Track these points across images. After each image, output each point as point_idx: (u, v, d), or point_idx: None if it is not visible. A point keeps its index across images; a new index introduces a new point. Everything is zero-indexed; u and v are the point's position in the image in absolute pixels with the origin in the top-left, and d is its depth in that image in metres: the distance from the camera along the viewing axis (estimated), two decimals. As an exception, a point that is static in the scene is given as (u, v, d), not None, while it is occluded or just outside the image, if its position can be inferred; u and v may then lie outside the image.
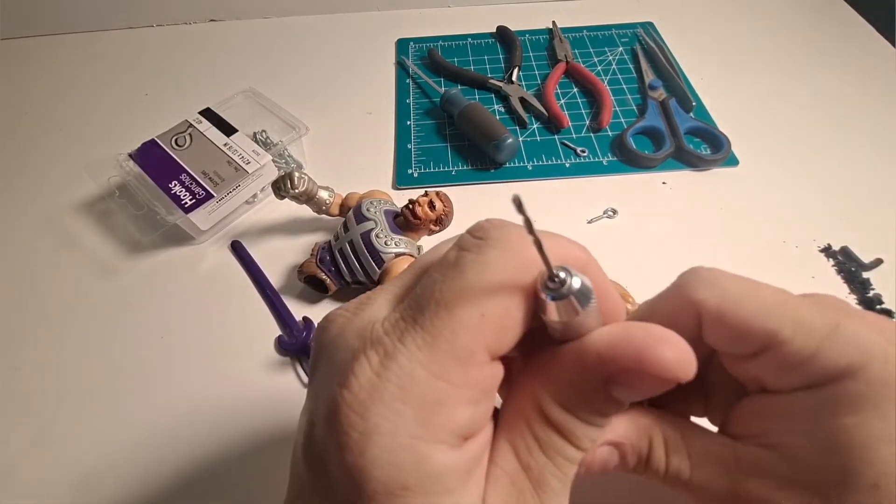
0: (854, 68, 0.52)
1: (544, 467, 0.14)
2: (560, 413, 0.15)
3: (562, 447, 0.15)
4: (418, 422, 0.12)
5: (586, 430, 0.15)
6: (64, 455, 0.31)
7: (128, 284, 0.39)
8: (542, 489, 0.14)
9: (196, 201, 0.38)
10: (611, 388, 0.14)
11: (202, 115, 0.43)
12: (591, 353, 0.14)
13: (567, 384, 0.15)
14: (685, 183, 0.43)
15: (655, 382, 0.13)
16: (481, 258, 0.13)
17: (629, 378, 0.14)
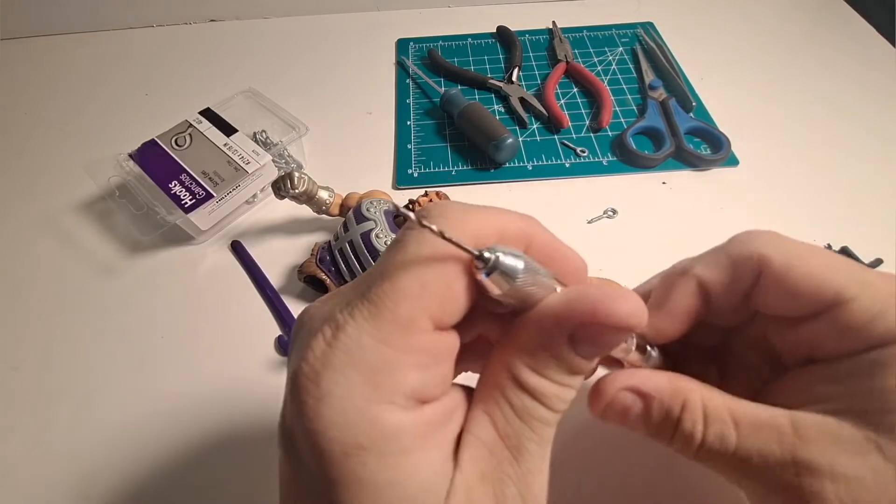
0: (854, 68, 0.52)
1: (520, 432, 0.15)
2: (530, 375, 0.15)
3: (535, 409, 0.15)
4: (368, 385, 0.13)
5: (557, 390, 0.15)
6: (64, 455, 0.31)
7: (128, 284, 0.39)
8: (521, 454, 0.15)
9: (196, 201, 0.38)
10: (573, 344, 0.15)
11: (202, 115, 0.43)
12: (550, 315, 0.15)
13: (533, 346, 0.15)
14: (685, 183, 0.43)
15: (612, 333, 0.14)
16: (421, 233, 0.14)
17: (587, 332, 0.14)
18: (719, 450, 0.17)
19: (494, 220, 0.15)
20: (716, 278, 0.19)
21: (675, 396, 0.18)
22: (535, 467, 0.15)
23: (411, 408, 0.14)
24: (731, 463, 0.17)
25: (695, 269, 0.19)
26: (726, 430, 0.17)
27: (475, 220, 0.15)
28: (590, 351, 0.15)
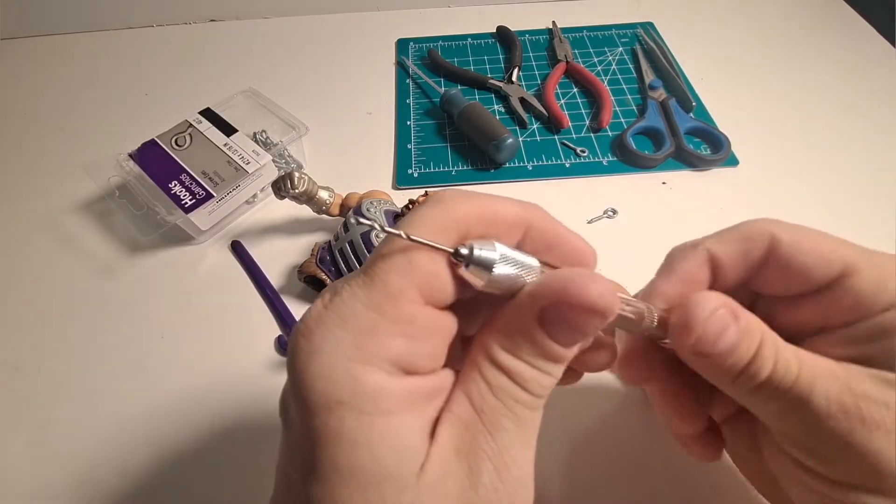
0: (854, 68, 0.52)
1: (496, 409, 0.15)
2: (505, 356, 0.15)
3: (511, 389, 0.15)
4: (354, 346, 0.14)
5: (534, 374, 0.16)
6: (64, 455, 0.31)
7: (128, 284, 0.39)
8: (496, 429, 0.15)
9: (196, 201, 0.38)
10: (546, 326, 0.15)
11: (202, 115, 0.43)
12: (524, 295, 0.16)
13: (508, 328, 0.16)
14: (685, 183, 0.43)
15: (582, 315, 0.15)
16: (415, 215, 0.15)
17: (558, 313, 0.15)
18: (779, 386, 0.17)
19: (489, 206, 0.16)
20: (726, 252, 0.19)
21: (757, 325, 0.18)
22: (511, 445, 0.15)
23: (395, 374, 0.14)
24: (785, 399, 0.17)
25: (706, 242, 0.20)
26: (791, 367, 0.17)
27: (467, 206, 0.16)
28: (562, 335, 0.15)
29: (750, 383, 0.17)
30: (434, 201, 0.16)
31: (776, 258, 0.19)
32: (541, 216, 0.17)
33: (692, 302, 0.18)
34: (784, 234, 0.19)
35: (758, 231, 0.19)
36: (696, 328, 0.17)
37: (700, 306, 0.17)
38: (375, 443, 0.14)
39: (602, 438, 0.30)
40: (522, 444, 0.15)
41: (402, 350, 0.14)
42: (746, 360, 0.17)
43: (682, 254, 0.20)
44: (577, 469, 0.29)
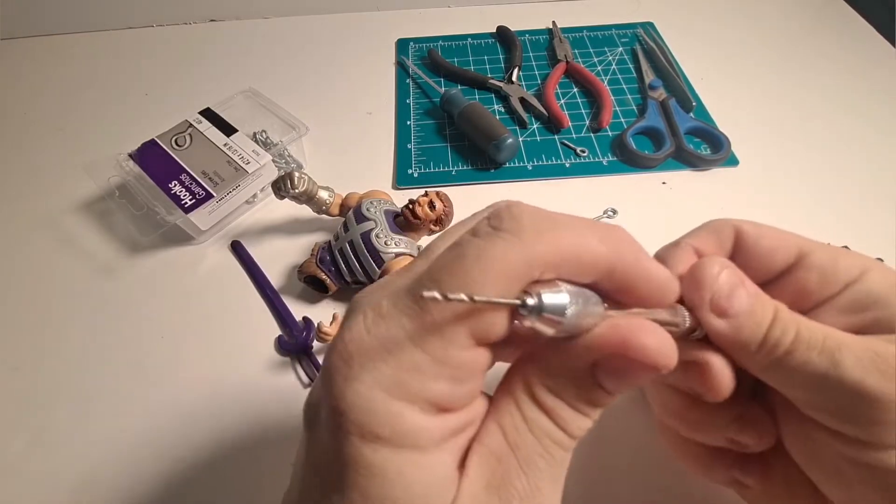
0: (854, 68, 0.52)
1: (532, 447, 0.15)
2: (548, 396, 0.15)
3: (550, 429, 0.15)
4: (396, 382, 0.13)
5: (575, 416, 0.15)
6: (64, 455, 0.31)
7: (128, 284, 0.39)
8: (530, 467, 0.15)
9: (196, 201, 0.38)
10: (597, 374, 0.15)
11: (202, 115, 0.43)
12: (580, 341, 0.15)
13: (556, 368, 0.15)
14: (685, 183, 0.43)
15: (638, 368, 0.14)
16: (484, 247, 0.14)
17: (613, 363, 0.15)
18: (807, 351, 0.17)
19: (572, 246, 0.14)
20: (704, 244, 0.20)
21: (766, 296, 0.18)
22: (543, 485, 0.15)
23: (432, 413, 0.14)
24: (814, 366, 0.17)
25: (684, 239, 0.21)
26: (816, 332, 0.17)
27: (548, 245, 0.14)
28: (613, 384, 0.15)
29: (775, 352, 0.17)
30: (510, 233, 0.14)
31: (742, 246, 0.20)
32: (626, 254, 0.15)
33: (699, 263, 0.18)
34: (746, 226, 0.20)
35: (723, 225, 0.20)
36: (707, 285, 0.18)
37: (707, 266, 0.18)
38: (409, 477, 0.13)
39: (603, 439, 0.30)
40: (553, 483, 0.15)
41: (444, 392, 0.14)
42: (766, 326, 0.17)
43: (671, 251, 0.21)
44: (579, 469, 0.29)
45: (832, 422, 0.18)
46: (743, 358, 0.18)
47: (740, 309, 0.18)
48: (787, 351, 0.17)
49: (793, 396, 0.18)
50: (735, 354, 0.19)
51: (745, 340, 0.18)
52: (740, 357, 0.19)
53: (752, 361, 0.18)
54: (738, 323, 0.18)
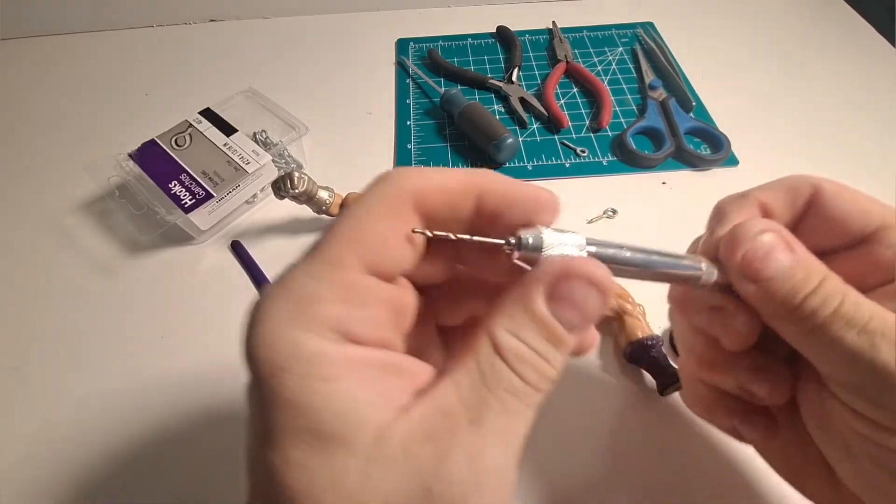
0: (854, 68, 0.52)
1: (484, 400, 0.15)
2: (507, 337, 0.15)
3: (507, 377, 0.15)
4: (295, 313, 0.14)
5: (534, 358, 0.15)
6: (63, 455, 0.31)
7: (128, 284, 0.39)
8: (480, 422, 0.14)
9: (196, 201, 0.38)
10: (551, 307, 0.15)
11: (202, 115, 0.43)
12: (528, 275, 0.16)
13: (512, 307, 0.15)
14: (685, 183, 0.43)
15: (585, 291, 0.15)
16: (364, 193, 0.16)
17: (561, 289, 0.15)
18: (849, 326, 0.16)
19: (436, 178, 0.16)
20: (774, 199, 0.20)
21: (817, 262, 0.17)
22: (492, 439, 0.14)
23: (336, 341, 0.14)
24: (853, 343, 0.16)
25: (753, 192, 0.20)
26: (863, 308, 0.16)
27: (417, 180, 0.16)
28: (567, 312, 0.15)
29: (808, 322, 0.17)
30: (383, 181, 0.16)
31: (818, 207, 0.19)
32: (491, 179, 0.17)
33: (741, 223, 0.18)
34: (826, 185, 0.19)
35: (801, 181, 0.20)
36: (742, 244, 0.17)
37: (747, 225, 0.18)
38: (318, 407, 0.14)
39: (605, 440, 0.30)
40: (504, 439, 0.15)
41: (342, 315, 0.14)
42: (804, 294, 0.17)
43: (733, 203, 0.21)
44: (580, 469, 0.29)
45: (855, 401, 0.17)
46: (773, 320, 0.18)
47: (775, 273, 0.17)
48: (823, 323, 0.17)
49: (818, 366, 0.18)
50: (764, 315, 0.18)
51: (776, 304, 0.17)
52: (769, 318, 0.18)
53: (782, 325, 0.18)
54: (769, 287, 0.17)
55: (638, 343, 0.31)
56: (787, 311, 0.17)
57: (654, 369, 0.31)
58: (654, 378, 0.31)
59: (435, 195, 0.16)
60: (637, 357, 0.31)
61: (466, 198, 0.16)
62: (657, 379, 0.31)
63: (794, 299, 0.17)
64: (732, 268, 0.18)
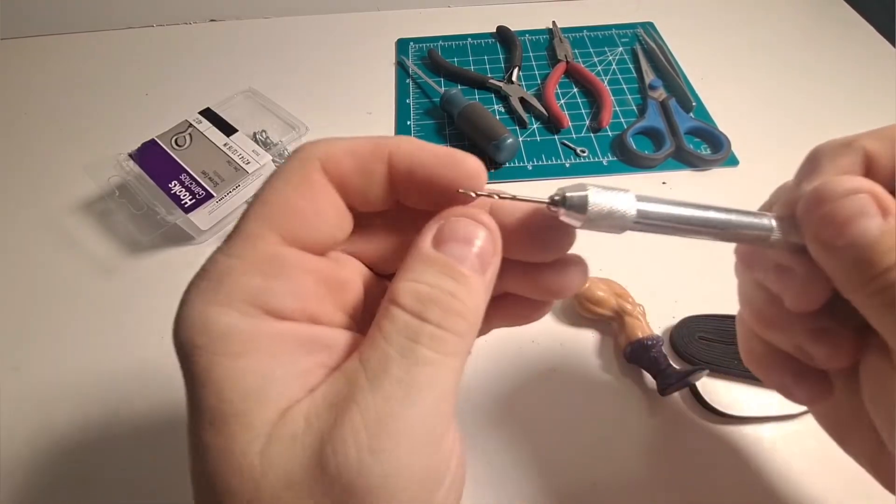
0: (854, 68, 0.52)
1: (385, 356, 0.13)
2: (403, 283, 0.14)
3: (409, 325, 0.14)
4: (210, 291, 0.14)
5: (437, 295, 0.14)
6: (64, 455, 0.31)
7: (128, 284, 0.39)
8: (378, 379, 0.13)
9: (196, 201, 0.38)
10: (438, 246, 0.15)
11: (202, 115, 0.43)
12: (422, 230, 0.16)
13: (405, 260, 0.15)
14: (685, 183, 0.43)
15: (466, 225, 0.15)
16: (277, 170, 0.16)
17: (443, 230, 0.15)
18: None
19: (343, 144, 0.16)
20: (883, 150, 0.17)
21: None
22: (396, 397, 0.13)
23: (252, 315, 0.14)
24: None
25: (861, 140, 0.17)
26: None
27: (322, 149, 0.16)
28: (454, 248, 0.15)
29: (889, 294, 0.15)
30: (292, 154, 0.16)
31: None
32: (397, 141, 0.16)
33: (829, 180, 0.16)
34: None
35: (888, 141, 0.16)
36: (824, 203, 0.15)
37: (837, 182, 0.15)
38: (222, 384, 0.13)
39: (605, 440, 0.30)
40: (412, 395, 0.13)
41: (258, 287, 0.14)
42: (889, 263, 0.15)
43: (833, 151, 0.18)
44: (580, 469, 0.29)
45: None
46: (847, 290, 0.16)
47: (857, 239, 0.15)
48: None
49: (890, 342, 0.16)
50: (837, 283, 0.16)
51: (853, 274, 0.15)
52: (843, 287, 0.16)
53: (856, 296, 0.16)
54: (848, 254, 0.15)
55: (638, 343, 0.31)
56: (863, 281, 0.15)
57: (654, 369, 0.31)
58: (654, 378, 0.31)
59: (344, 161, 0.15)
60: (637, 357, 0.31)
61: (377, 161, 0.16)
62: (657, 379, 0.31)
63: (873, 270, 0.15)
64: (809, 228, 0.16)
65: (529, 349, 0.34)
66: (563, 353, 0.34)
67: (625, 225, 0.16)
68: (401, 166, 0.16)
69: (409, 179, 0.16)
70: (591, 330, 0.35)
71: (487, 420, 0.31)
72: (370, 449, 0.12)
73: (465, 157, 0.16)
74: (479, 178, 0.16)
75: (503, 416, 0.31)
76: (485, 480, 0.29)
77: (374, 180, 0.16)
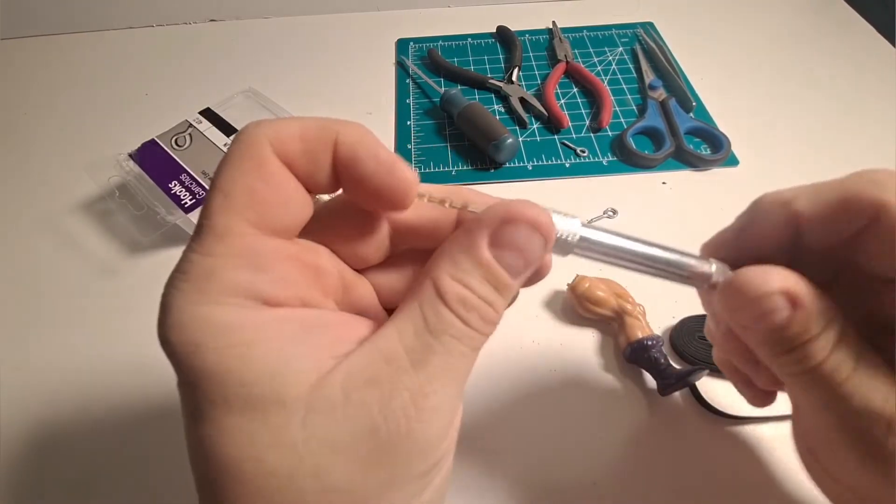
0: (854, 68, 0.52)
1: (428, 345, 0.15)
2: (451, 282, 0.15)
3: (449, 321, 0.15)
4: (196, 292, 0.15)
5: (479, 303, 0.15)
6: (64, 455, 0.31)
7: (128, 284, 0.39)
8: (422, 366, 0.14)
9: (196, 201, 0.38)
10: (494, 251, 0.15)
11: (202, 115, 0.43)
12: (472, 220, 0.16)
13: (456, 252, 0.15)
14: (685, 183, 0.43)
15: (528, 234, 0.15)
16: (227, 156, 0.15)
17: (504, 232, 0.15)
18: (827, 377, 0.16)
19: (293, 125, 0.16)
20: (815, 216, 0.17)
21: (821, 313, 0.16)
22: (438, 381, 0.15)
23: (250, 306, 0.15)
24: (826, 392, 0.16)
25: (794, 202, 0.18)
26: (846, 363, 0.16)
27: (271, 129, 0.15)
28: (510, 258, 0.15)
29: (794, 367, 0.17)
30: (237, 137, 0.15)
31: (878, 231, 0.16)
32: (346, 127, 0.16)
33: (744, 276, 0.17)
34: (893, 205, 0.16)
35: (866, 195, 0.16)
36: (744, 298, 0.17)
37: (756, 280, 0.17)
38: (240, 372, 0.14)
39: (605, 439, 0.30)
40: (449, 380, 0.15)
41: (248, 280, 0.15)
42: (795, 345, 0.16)
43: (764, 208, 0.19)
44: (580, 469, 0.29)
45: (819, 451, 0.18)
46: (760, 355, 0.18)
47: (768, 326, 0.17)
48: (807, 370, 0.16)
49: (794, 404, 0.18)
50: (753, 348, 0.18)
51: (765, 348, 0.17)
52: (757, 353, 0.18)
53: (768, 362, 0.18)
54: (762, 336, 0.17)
55: (638, 343, 0.31)
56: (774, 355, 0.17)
57: (654, 369, 0.31)
58: (654, 378, 0.31)
59: (292, 144, 0.15)
60: (637, 357, 0.31)
61: (323, 146, 0.16)
62: (657, 379, 0.31)
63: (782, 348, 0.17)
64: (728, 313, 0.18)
65: (529, 349, 0.34)
66: (563, 353, 0.34)
67: (567, 248, 0.17)
68: (343, 156, 0.16)
69: (348, 171, 0.16)
70: (591, 330, 0.35)
71: (487, 420, 0.31)
72: (419, 420, 0.14)
73: (404, 168, 0.16)
74: (409, 194, 0.16)
75: (503, 415, 0.31)
76: (485, 480, 0.29)
77: (320, 165, 0.16)
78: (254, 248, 0.15)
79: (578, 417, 0.31)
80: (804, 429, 0.19)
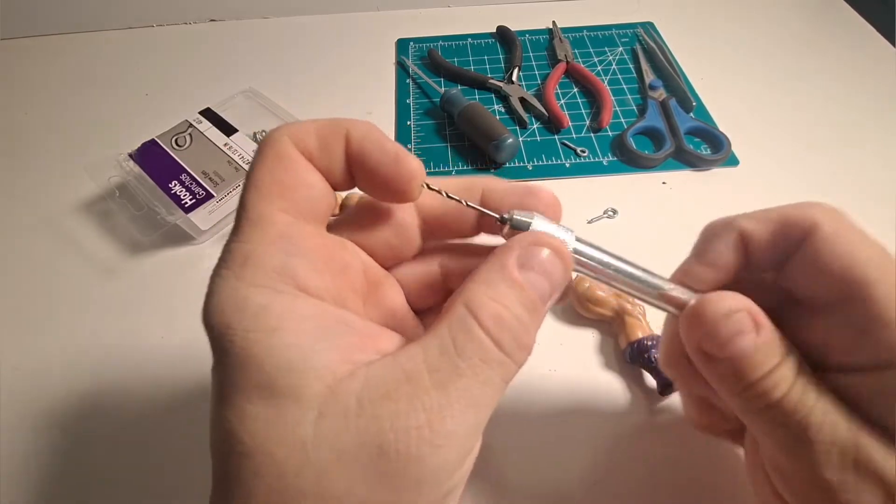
0: (854, 68, 0.52)
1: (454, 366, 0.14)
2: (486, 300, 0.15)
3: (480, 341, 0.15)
4: (234, 277, 0.15)
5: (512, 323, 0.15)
6: (64, 455, 0.31)
7: (128, 284, 0.39)
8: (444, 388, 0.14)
9: (196, 201, 0.38)
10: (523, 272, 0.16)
11: (202, 115, 0.43)
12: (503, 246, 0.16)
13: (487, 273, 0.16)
14: (685, 183, 0.43)
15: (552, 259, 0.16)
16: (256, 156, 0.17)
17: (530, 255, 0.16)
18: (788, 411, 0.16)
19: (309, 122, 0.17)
20: (758, 231, 0.18)
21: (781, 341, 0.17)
22: (458, 405, 0.14)
23: (285, 291, 0.15)
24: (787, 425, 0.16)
25: (739, 221, 0.19)
26: (808, 395, 0.16)
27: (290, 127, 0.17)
28: (537, 280, 0.16)
29: (758, 402, 0.17)
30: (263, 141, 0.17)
31: (806, 249, 0.17)
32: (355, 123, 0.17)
33: (709, 298, 0.17)
34: (826, 224, 0.17)
35: (803, 214, 0.17)
36: (708, 321, 0.17)
37: (719, 302, 0.17)
38: (262, 359, 0.14)
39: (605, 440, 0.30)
40: (471, 407, 0.14)
41: (282, 262, 0.15)
42: (760, 375, 0.16)
43: (714, 231, 0.20)
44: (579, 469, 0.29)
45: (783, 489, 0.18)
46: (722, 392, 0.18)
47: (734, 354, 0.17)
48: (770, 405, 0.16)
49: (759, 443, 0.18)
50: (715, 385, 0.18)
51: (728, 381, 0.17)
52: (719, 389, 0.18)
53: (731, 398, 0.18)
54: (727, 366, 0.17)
55: (638, 343, 0.31)
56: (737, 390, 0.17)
57: (655, 369, 0.31)
58: (654, 378, 0.31)
59: (309, 139, 0.17)
60: (637, 357, 0.31)
61: (336, 140, 0.17)
62: (657, 379, 0.31)
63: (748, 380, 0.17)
64: (691, 342, 0.18)
65: (529, 349, 0.34)
66: (563, 353, 0.34)
67: None
68: (353, 150, 0.17)
69: (359, 164, 0.17)
70: (591, 330, 0.35)
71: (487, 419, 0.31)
72: (431, 443, 0.14)
73: (408, 157, 0.17)
74: (415, 181, 0.18)
75: (502, 415, 0.31)
76: (484, 480, 0.29)
77: (335, 158, 0.17)
78: (286, 233, 0.16)
79: (578, 417, 0.31)
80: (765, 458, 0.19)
